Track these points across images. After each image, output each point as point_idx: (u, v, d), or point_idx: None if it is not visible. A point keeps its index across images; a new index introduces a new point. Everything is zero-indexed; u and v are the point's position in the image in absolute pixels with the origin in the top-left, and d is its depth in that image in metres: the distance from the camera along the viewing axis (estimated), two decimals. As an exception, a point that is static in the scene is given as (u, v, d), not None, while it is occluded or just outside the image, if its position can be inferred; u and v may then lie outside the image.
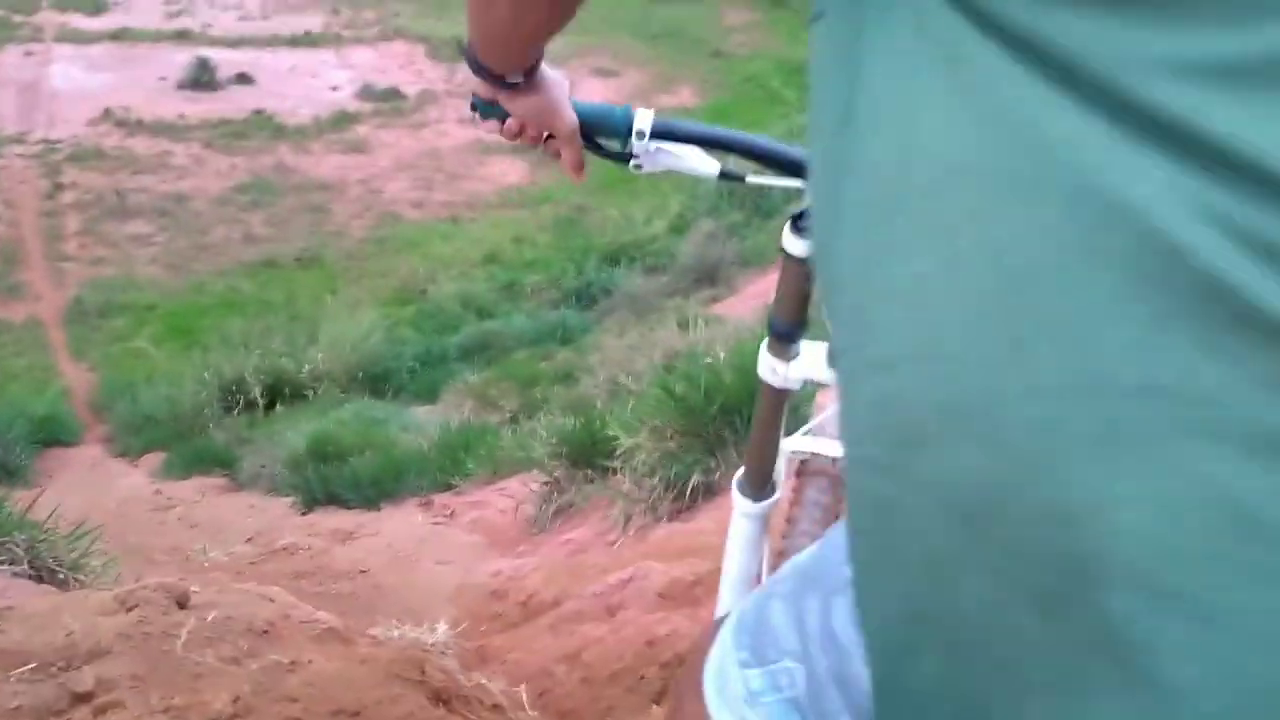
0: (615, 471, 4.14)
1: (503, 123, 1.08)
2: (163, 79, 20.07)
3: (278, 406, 9.67)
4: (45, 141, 18.13)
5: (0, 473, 7.40)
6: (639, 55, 21.96)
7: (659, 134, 1.15)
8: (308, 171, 17.93)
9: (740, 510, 1.45)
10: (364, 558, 4.51)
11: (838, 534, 0.84)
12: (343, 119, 19.53)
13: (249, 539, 5.09)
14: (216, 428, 9.24)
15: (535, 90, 1.04)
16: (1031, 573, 0.50)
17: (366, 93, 20.31)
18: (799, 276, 1.22)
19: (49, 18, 22.00)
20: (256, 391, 9.76)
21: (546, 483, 4.70)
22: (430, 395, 9.33)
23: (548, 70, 1.05)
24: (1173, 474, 0.47)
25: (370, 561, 4.41)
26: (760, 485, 1.42)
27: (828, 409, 1.72)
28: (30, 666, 1.42)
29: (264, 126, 19.09)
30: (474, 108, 1.09)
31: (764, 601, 0.85)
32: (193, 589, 1.79)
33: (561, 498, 4.58)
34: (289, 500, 6.33)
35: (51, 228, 16.15)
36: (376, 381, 10.13)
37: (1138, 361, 0.46)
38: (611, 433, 4.18)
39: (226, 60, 20.65)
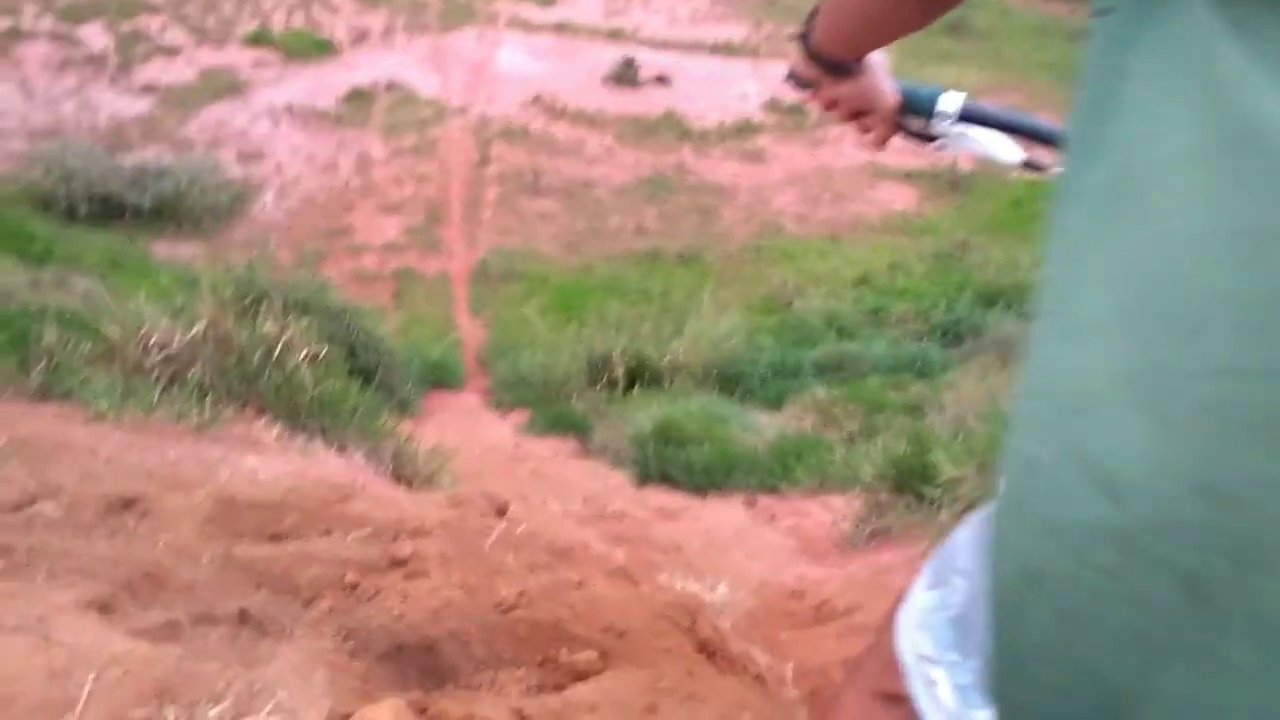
0: (936, 503, 4.09)
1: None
2: (591, 72, 21.56)
3: (635, 388, 10.20)
4: (483, 117, 20.03)
5: (393, 403, 8.29)
6: (1057, 98, 21.02)
7: (966, 117, 1.15)
8: (704, 174, 18.66)
9: None
10: (682, 537, 4.70)
11: None
12: (746, 128, 20.14)
13: (585, 499, 5.44)
14: (579, 398, 9.91)
15: (862, 74, 1.09)
16: (1179, 551, 0.51)
17: (773, 105, 20.79)
18: None
19: (505, 6, 24.22)
20: (619, 371, 10.36)
21: (868, 504, 4.70)
22: (776, 402, 9.49)
23: (873, 54, 1.08)
24: None
25: (686, 541, 4.60)
26: None
27: None
28: (367, 531, 1.66)
29: (672, 127, 20.05)
30: (791, 77, 1.14)
31: (960, 527, 0.87)
32: (513, 504, 2.00)
33: (880, 520, 4.56)
34: (627, 473, 6.70)
35: (473, 195, 17.84)
36: (728, 381, 10.42)
37: None
38: (938, 461, 4.13)
39: (650, 61, 21.86)
